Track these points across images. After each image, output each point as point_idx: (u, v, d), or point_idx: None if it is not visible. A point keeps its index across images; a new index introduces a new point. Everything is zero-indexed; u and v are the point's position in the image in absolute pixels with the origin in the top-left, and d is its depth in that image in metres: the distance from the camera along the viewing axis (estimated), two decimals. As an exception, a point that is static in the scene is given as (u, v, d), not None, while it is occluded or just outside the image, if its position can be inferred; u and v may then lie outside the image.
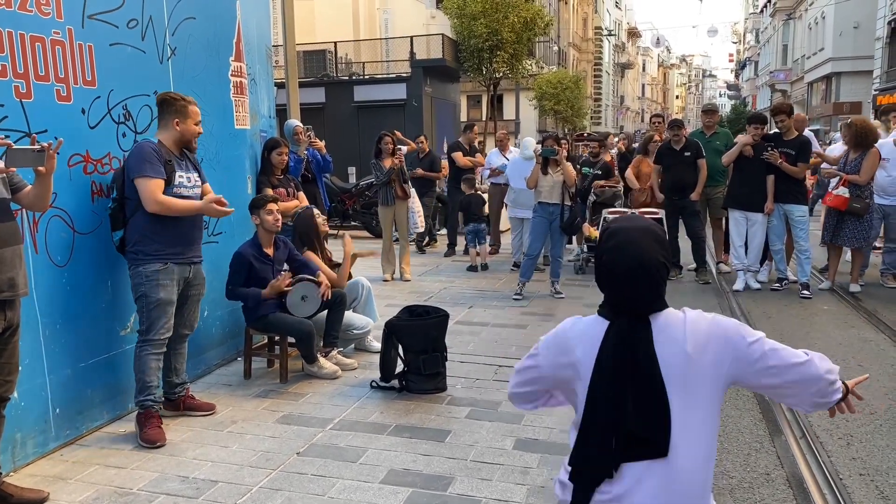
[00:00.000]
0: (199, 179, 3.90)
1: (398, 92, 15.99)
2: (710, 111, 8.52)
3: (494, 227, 9.86)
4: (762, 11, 52.88)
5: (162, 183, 3.61)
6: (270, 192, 5.04)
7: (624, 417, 1.61)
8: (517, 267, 7.99)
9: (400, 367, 4.44)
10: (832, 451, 3.58)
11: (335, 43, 18.24)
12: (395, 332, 4.41)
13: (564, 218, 6.80)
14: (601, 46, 54.13)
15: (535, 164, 7.00)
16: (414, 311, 4.63)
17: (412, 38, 18.43)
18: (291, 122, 6.51)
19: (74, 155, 3.64)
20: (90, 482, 3.26)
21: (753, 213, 7.04)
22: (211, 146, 4.71)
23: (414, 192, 8.06)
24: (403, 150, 8.06)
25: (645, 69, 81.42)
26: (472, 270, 8.47)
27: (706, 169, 7.54)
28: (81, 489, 3.20)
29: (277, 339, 4.79)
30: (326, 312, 4.81)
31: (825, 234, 7.08)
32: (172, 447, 3.63)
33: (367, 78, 17.91)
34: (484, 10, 18.17)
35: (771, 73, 44.98)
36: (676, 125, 7.75)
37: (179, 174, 3.73)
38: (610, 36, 56.59)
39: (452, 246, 9.78)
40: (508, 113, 30.02)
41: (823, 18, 32.05)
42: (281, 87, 7.82)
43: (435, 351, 4.38)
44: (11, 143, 2.86)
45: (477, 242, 8.59)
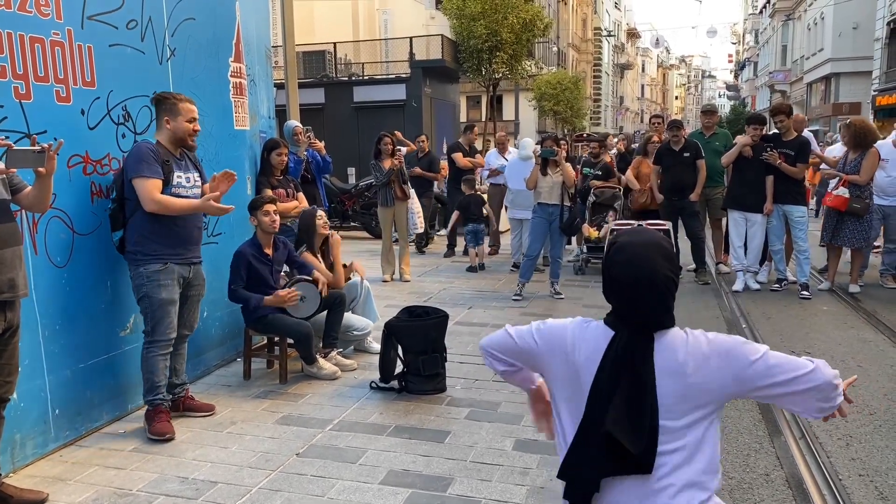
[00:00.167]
0: (199, 179, 3.90)
1: (398, 93, 15.98)
2: (709, 112, 8.53)
3: (494, 227, 9.86)
4: (761, 12, 52.90)
5: (159, 183, 3.62)
6: (270, 192, 5.04)
7: (614, 429, 1.61)
8: (516, 267, 7.99)
9: (399, 367, 4.44)
10: (831, 451, 3.59)
11: (335, 44, 18.24)
12: (394, 332, 4.41)
13: (564, 219, 6.80)
14: (600, 47, 54.13)
15: (533, 164, 7.00)
16: (413, 311, 4.64)
17: (412, 38, 18.43)
18: (291, 122, 6.52)
19: (74, 156, 3.64)
20: (90, 483, 3.26)
21: (753, 213, 7.05)
22: (210, 147, 4.71)
23: (413, 192, 8.07)
24: (403, 150, 8.06)
25: (644, 70, 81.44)
26: (471, 271, 8.47)
27: (705, 169, 7.55)
28: (81, 490, 3.19)
29: (277, 339, 4.80)
30: (326, 313, 4.82)
31: (825, 234, 7.08)
32: (172, 448, 3.63)
33: (366, 79, 17.90)
34: (483, 10, 18.17)
35: (770, 73, 44.99)
36: (676, 126, 7.75)
37: (178, 174, 3.73)
38: (609, 36, 56.60)
39: (452, 247, 9.78)
40: (508, 114, 30.00)
41: (823, 19, 32.06)
42: (280, 87, 7.84)
43: (434, 352, 4.39)
44: (11, 143, 2.86)
45: (476, 243, 8.60)
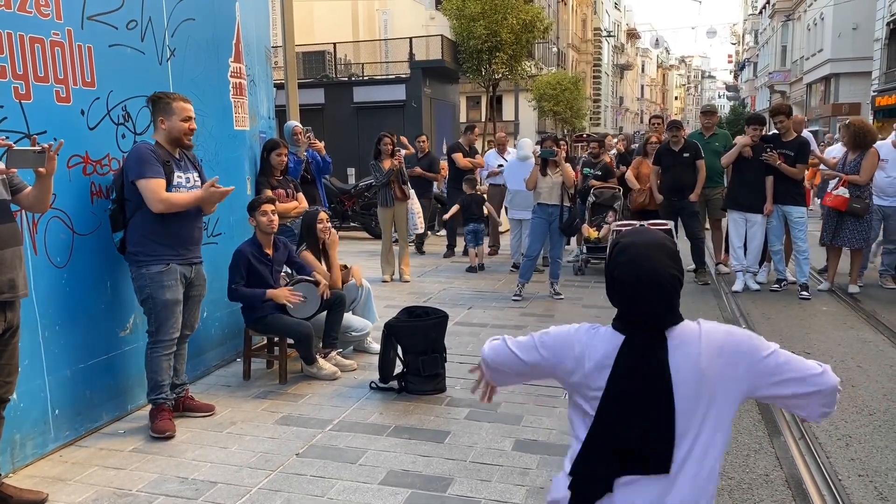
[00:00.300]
0: (198, 179, 3.90)
1: (397, 93, 15.98)
2: (708, 112, 8.52)
3: (493, 228, 9.86)
4: (761, 13, 52.91)
5: (163, 182, 3.62)
6: (269, 193, 5.04)
7: (628, 436, 1.61)
8: (516, 268, 7.99)
9: (399, 368, 4.44)
10: (831, 451, 3.59)
11: (334, 44, 18.25)
12: (394, 333, 4.41)
13: (563, 219, 6.81)
14: (600, 47, 54.14)
15: (531, 164, 7.00)
16: (413, 312, 4.64)
17: (411, 39, 18.44)
18: (291, 123, 6.52)
19: (74, 156, 3.64)
20: (89, 483, 3.26)
21: (752, 214, 7.05)
22: (210, 147, 4.71)
23: (413, 193, 8.07)
24: (402, 152, 8.06)
25: (644, 70, 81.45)
26: (471, 271, 8.47)
27: (705, 170, 7.55)
28: (81, 490, 3.20)
29: (277, 340, 4.80)
30: (325, 314, 4.82)
31: (825, 234, 7.08)
32: (172, 448, 3.63)
33: (366, 79, 17.90)
34: (483, 11, 18.18)
35: (770, 74, 44.98)
36: (675, 126, 7.75)
37: (178, 174, 3.74)
38: (609, 37, 56.59)
39: (452, 247, 9.79)
40: (508, 114, 30.02)
41: (822, 19, 32.07)
42: (280, 88, 7.85)
43: (434, 352, 4.39)
44: (12, 144, 2.86)
45: (476, 243, 8.60)
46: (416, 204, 8.05)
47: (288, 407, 4.20)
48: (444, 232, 10.61)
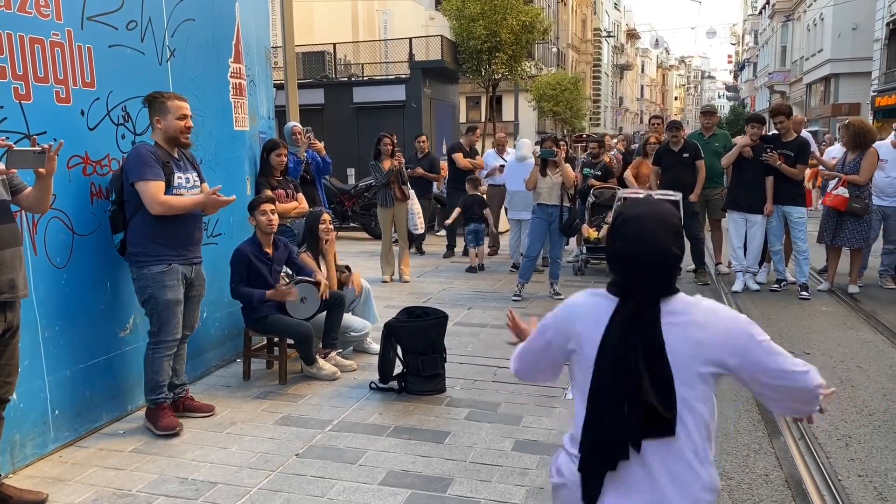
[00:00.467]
0: (197, 179, 3.90)
1: (397, 93, 15.97)
2: (708, 112, 8.52)
3: (493, 231, 9.86)
4: (761, 13, 52.91)
5: (162, 185, 3.62)
6: (269, 193, 5.04)
7: (638, 391, 1.62)
8: (516, 268, 7.99)
9: (399, 368, 4.44)
10: (831, 452, 3.59)
11: (334, 44, 18.23)
12: (394, 333, 4.42)
13: (563, 219, 6.81)
14: (600, 48, 54.16)
15: (530, 165, 7.00)
16: (413, 312, 4.64)
17: (411, 39, 18.43)
18: (291, 123, 6.52)
19: (74, 156, 3.64)
20: (89, 484, 3.26)
21: (752, 214, 7.05)
22: (210, 147, 4.71)
23: (413, 193, 8.07)
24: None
25: (644, 70, 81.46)
26: (471, 272, 8.47)
27: (704, 170, 7.55)
28: (80, 491, 3.20)
29: (276, 340, 4.80)
30: (325, 314, 4.82)
31: (825, 234, 7.08)
32: (171, 448, 3.63)
33: (366, 79, 17.88)
34: (483, 11, 18.19)
35: (770, 74, 44.99)
36: (675, 126, 7.75)
37: (178, 175, 3.73)
38: (609, 37, 56.60)
39: (451, 247, 9.78)
40: (507, 114, 30.02)
41: (822, 20, 32.08)
42: (280, 88, 7.84)
43: (434, 352, 4.39)
44: (12, 144, 2.87)
45: (476, 243, 8.60)
46: (415, 204, 8.04)
47: (288, 407, 4.20)
48: (443, 232, 10.61)
